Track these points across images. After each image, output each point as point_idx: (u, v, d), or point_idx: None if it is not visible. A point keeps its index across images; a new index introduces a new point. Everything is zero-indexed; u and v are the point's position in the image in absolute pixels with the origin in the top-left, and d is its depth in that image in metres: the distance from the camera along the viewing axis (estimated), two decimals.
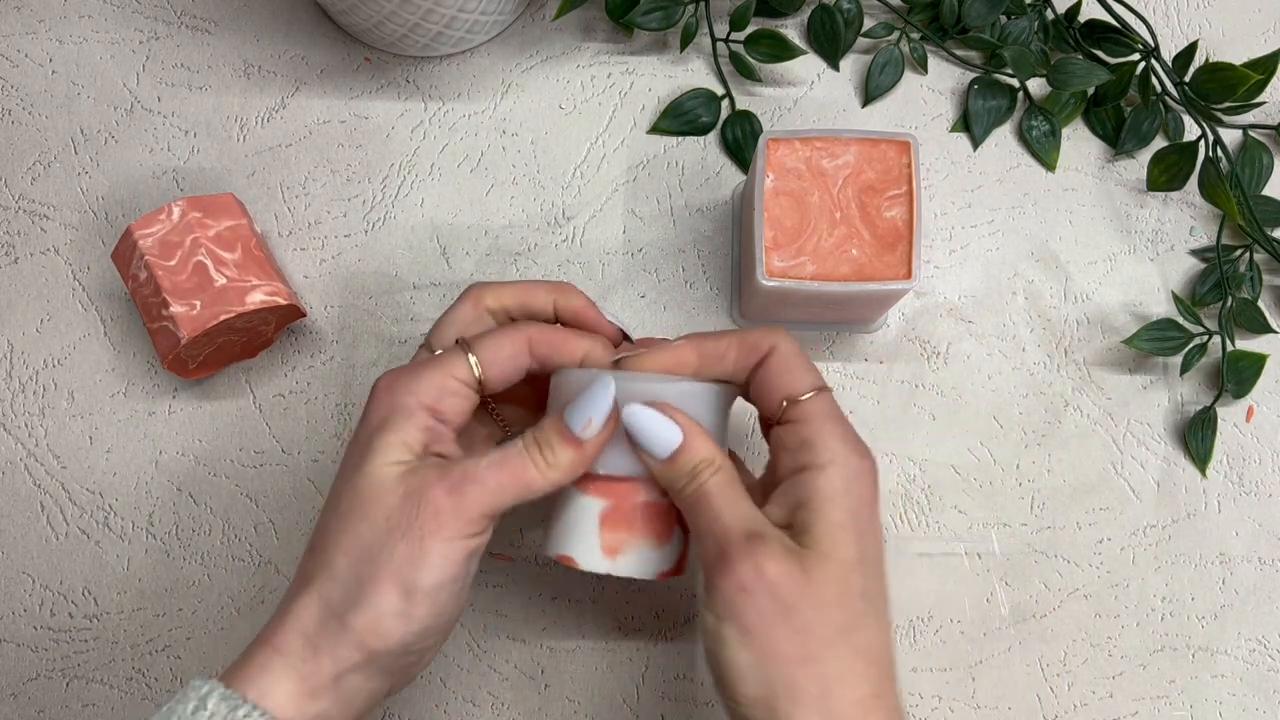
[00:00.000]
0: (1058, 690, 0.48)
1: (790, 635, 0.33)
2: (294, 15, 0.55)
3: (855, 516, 0.34)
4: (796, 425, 0.36)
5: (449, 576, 0.34)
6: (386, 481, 0.35)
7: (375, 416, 0.36)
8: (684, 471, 0.36)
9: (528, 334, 0.38)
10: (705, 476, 0.36)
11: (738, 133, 0.53)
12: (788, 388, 0.37)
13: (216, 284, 0.45)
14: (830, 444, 0.35)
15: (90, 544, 0.49)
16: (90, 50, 0.54)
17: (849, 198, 0.44)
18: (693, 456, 0.36)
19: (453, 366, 0.37)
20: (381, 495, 0.35)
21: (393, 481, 0.35)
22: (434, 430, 0.36)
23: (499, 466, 0.35)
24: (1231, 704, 0.48)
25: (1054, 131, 0.53)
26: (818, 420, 0.36)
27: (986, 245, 0.53)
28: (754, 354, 0.38)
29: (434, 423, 0.36)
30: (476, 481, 0.35)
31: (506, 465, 0.35)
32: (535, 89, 0.54)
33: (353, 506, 0.35)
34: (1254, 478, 0.51)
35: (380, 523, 0.34)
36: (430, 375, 0.37)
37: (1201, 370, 0.51)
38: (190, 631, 0.48)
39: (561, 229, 0.53)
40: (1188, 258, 0.53)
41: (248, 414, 0.50)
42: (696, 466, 0.36)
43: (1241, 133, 0.53)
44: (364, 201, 0.53)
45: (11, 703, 0.48)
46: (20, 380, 0.51)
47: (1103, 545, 0.50)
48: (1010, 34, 0.53)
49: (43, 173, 0.53)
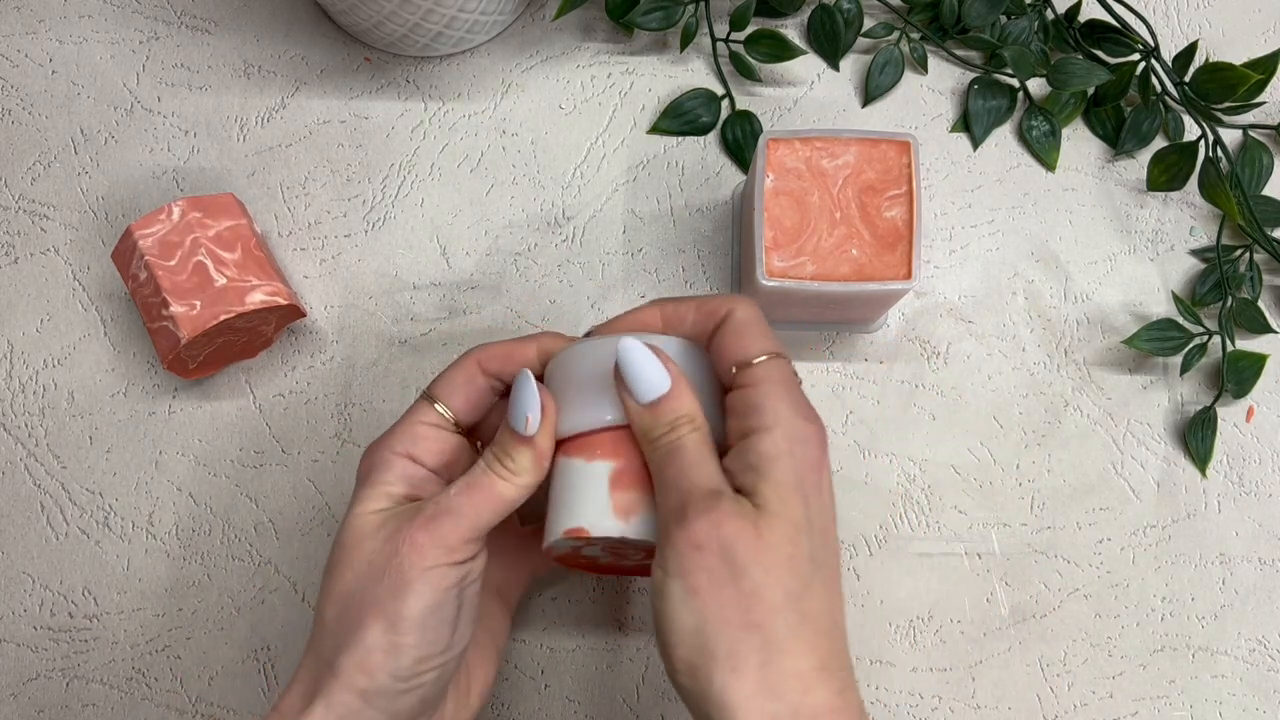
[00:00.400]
0: (1058, 690, 0.48)
1: (737, 598, 0.32)
2: (294, 15, 0.55)
3: (800, 479, 0.34)
4: (745, 390, 0.35)
5: (434, 603, 0.34)
6: (366, 529, 0.36)
7: (359, 477, 0.38)
8: (663, 421, 0.35)
9: (474, 356, 0.39)
10: (684, 431, 0.35)
11: (738, 133, 0.53)
12: (740, 352, 0.36)
13: (216, 284, 0.45)
14: (776, 406, 0.34)
15: (90, 544, 0.49)
16: (90, 50, 0.54)
17: (849, 198, 0.44)
18: (677, 408, 0.35)
19: (419, 413, 0.39)
20: (362, 542, 0.36)
21: (373, 528, 0.36)
22: (413, 477, 0.38)
23: (469, 490, 0.36)
24: (1231, 704, 0.48)
25: (1054, 131, 0.53)
26: (765, 385, 0.35)
27: (986, 245, 0.53)
28: (711, 318, 0.37)
29: (414, 469, 0.38)
30: (450, 511, 0.35)
31: (475, 486, 0.36)
32: (535, 89, 0.54)
33: (338, 559, 0.36)
34: (1254, 478, 0.51)
35: (363, 568, 0.35)
36: (401, 427, 0.38)
37: (1201, 370, 0.51)
38: (190, 631, 0.48)
39: (561, 229, 0.53)
40: (1188, 258, 0.53)
41: (248, 414, 0.50)
42: (678, 419, 0.35)
43: (1241, 133, 0.54)
44: (364, 201, 0.53)
45: (11, 703, 0.48)
46: (20, 380, 0.51)
47: (1103, 545, 0.50)
48: (1010, 34, 0.53)
49: (43, 173, 0.53)
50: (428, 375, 0.51)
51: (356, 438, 0.50)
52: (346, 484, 0.50)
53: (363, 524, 0.36)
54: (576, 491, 0.37)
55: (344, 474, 0.50)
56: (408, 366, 0.51)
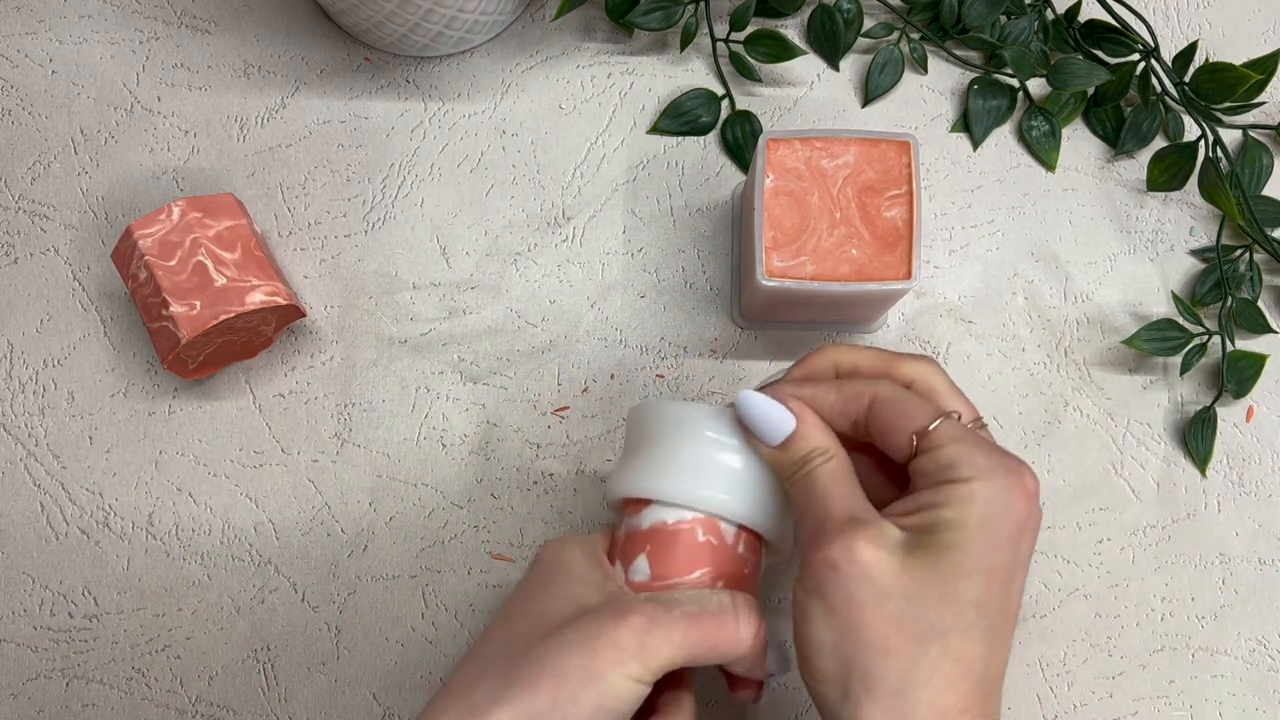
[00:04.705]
0: (1058, 690, 0.48)
1: (876, 623, 0.32)
2: (294, 15, 0.55)
3: (989, 529, 0.32)
4: (935, 452, 0.34)
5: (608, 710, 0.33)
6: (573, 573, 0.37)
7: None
8: (796, 459, 0.35)
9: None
10: (816, 463, 0.35)
11: (738, 133, 0.53)
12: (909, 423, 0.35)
13: (216, 284, 0.45)
14: (976, 460, 0.33)
15: (90, 544, 0.49)
16: (90, 50, 0.54)
17: (849, 198, 0.44)
18: (805, 444, 0.35)
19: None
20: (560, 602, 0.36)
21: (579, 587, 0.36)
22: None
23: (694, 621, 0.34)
24: (1231, 704, 0.48)
25: (1054, 131, 0.53)
26: (952, 445, 0.34)
27: (986, 245, 0.53)
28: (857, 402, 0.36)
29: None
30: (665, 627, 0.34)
31: (702, 620, 0.34)
32: (535, 89, 0.54)
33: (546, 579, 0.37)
34: (1254, 478, 0.50)
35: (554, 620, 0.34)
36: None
37: (1201, 370, 0.51)
38: (190, 631, 0.48)
39: (561, 229, 0.53)
40: (1188, 258, 0.53)
41: (248, 414, 0.50)
42: (809, 454, 0.35)
43: (1241, 133, 0.53)
44: (364, 201, 0.53)
45: (11, 703, 0.48)
46: (20, 380, 0.51)
47: (1103, 545, 0.50)
48: (1010, 34, 0.53)
49: (43, 173, 0.53)
50: (428, 375, 0.51)
51: (356, 438, 0.50)
52: (346, 484, 0.50)
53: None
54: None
55: (344, 474, 0.50)
56: (407, 366, 0.51)
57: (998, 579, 0.32)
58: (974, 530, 0.32)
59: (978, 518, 0.32)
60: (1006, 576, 0.33)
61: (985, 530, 0.32)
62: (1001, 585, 0.32)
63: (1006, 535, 0.32)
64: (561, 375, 0.51)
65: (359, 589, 0.49)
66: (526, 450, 0.50)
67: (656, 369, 0.51)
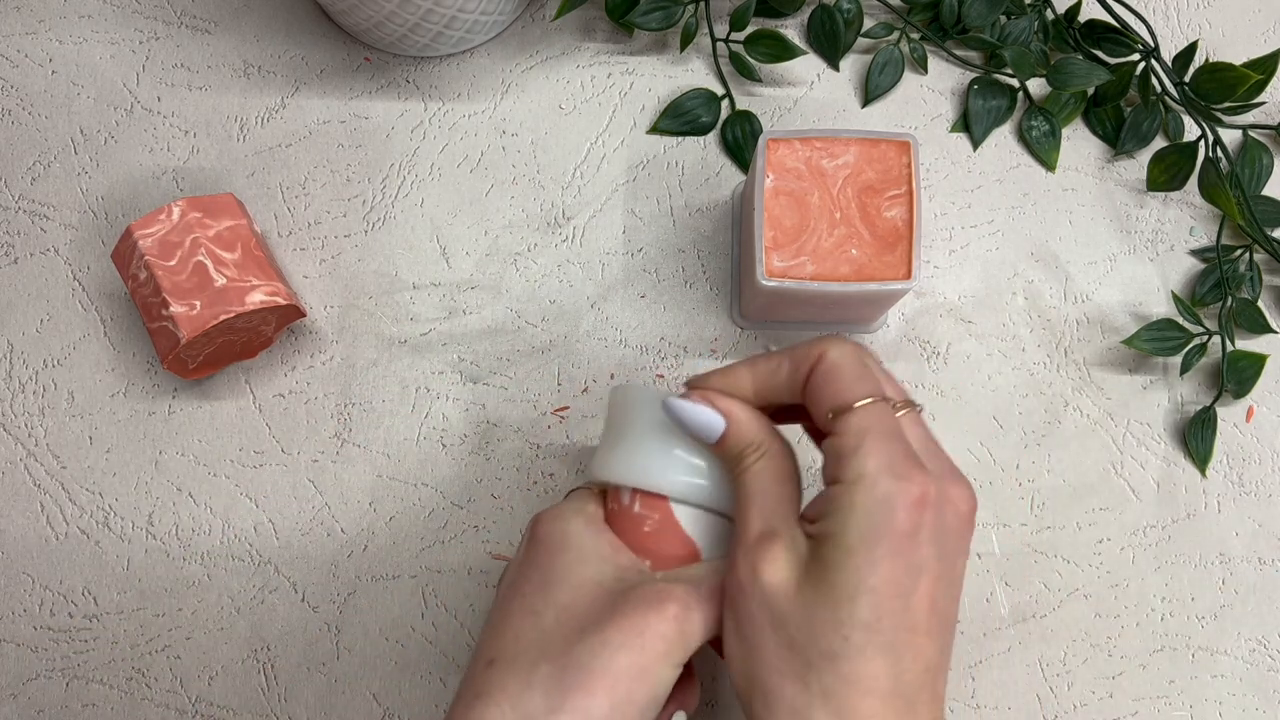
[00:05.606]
0: (1058, 690, 0.48)
1: (773, 645, 0.32)
2: (294, 15, 0.55)
3: (868, 544, 0.31)
4: (838, 439, 0.33)
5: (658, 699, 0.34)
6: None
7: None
8: (732, 455, 0.36)
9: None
10: (749, 460, 0.35)
11: (738, 133, 0.53)
12: (834, 398, 0.33)
13: (216, 284, 0.45)
14: (863, 462, 0.32)
15: (90, 544, 0.49)
16: (90, 50, 0.54)
17: (849, 198, 0.44)
18: (738, 440, 0.35)
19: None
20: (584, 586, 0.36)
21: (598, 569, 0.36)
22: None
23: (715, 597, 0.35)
24: (1231, 704, 0.48)
25: (1054, 131, 0.53)
26: (853, 436, 0.32)
27: (986, 245, 0.53)
28: (804, 364, 0.35)
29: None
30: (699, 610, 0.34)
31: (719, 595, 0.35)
32: (535, 89, 0.54)
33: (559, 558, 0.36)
34: (1254, 478, 0.50)
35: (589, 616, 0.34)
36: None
37: (1201, 370, 0.51)
38: (190, 631, 0.48)
39: (561, 229, 0.53)
40: (1188, 258, 0.53)
41: (248, 414, 0.50)
42: (743, 450, 0.35)
43: (1241, 133, 0.53)
44: (364, 201, 0.53)
45: (11, 703, 0.48)
46: (20, 380, 0.51)
47: (1103, 545, 0.50)
48: (1010, 34, 0.53)
49: (43, 173, 0.53)
50: (428, 375, 0.51)
51: (356, 438, 0.50)
52: (346, 484, 0.50)
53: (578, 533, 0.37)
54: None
55: (344, 474, 0.50)
56: (407, 366, 0.51)
57: (888, 596, 0.31)
58: (854, 546, 0.31)
59: (856, 532, 0.31)
60: (901, 591, 0.31)
61: (865, 546, 0.31)
62: (896, 600, 0.31)
63: (889, 550, 0.31)
64: (561, 375, 0.51)
65: (359, 589, 0.49)
66: (526, 450, 0.50)
67: (656, 369, 0.51)
